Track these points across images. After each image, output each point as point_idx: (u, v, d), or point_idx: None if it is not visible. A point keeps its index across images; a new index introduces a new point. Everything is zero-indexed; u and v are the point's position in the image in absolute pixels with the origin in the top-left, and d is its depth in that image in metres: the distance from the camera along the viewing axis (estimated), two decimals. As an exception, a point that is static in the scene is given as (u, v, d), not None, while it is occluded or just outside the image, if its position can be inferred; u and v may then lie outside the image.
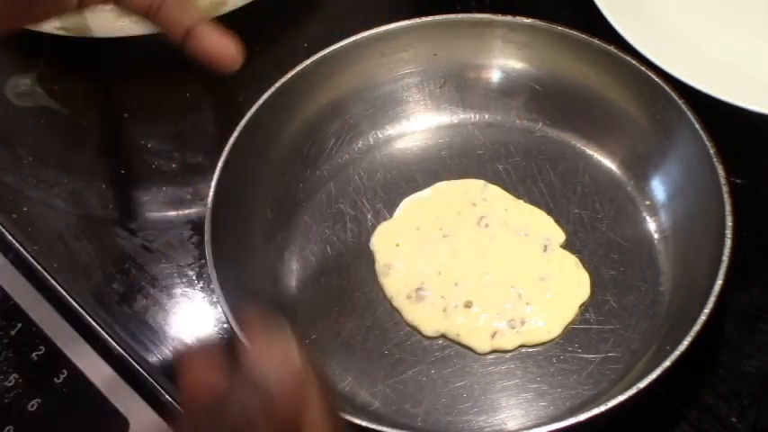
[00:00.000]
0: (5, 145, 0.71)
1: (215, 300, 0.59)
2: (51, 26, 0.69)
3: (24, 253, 0.64)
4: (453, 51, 0.67)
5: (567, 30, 0.64)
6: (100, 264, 0.65)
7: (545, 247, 0.61)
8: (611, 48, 0.63)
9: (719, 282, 0.53)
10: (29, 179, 0.69)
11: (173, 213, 0.67)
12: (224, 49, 0.51)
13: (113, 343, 0.60)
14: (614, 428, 0.54)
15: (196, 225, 0.65)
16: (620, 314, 0.59)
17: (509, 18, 0.65)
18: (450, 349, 0.58)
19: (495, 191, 0.64)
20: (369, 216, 0.64)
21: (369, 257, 0.62)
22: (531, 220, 0.62)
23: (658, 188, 0.62)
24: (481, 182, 0.64)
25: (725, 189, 0.57)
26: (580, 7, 0.68)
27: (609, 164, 0.65)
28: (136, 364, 0.59)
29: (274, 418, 0.38)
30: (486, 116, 0.67)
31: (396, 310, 0.60)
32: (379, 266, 0.61)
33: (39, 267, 0.63)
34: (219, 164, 0.59)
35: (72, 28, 0.69)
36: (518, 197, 0.64)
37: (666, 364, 0.51)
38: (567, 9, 0.71)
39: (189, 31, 0.52)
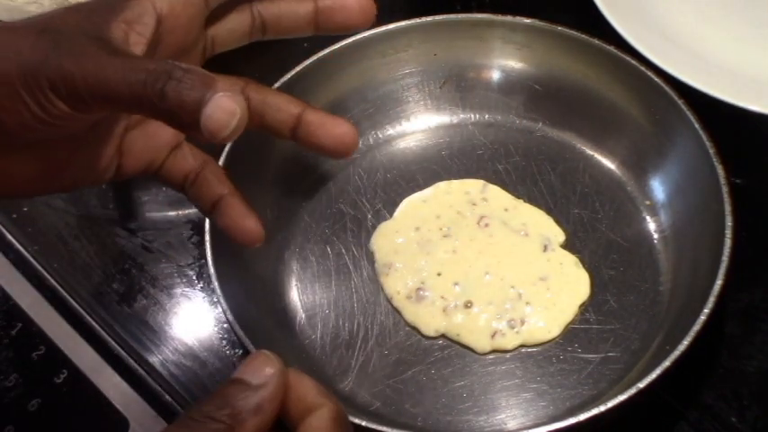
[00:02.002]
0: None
1: (215, 300, 0.60)
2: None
3: (24, 253, 0.64)
4: (453, 51, 0.67)
5: (567, 30, 0.64)
6: (100, 264, 0.65)
7: (545, 246, 0.61)
8: (611, 48, 0.63)
9: (719, 282, 0.53)
10: (29, 179, 0.69)
11: (173, 213, 0.67)
12: (246, 223, 0.52)
13: (113, 343, 0.60)
14: (614, 428, 0.54)
15: (196, 225, 0.65)
16: (620, 314, 0.59)
17: (509, 18, 0.65)
18: (450, 349, 0.58)
19: (495, 191, 0.64)
20: (369, 216, 0.64)
21: (369, 257, 0.62)
22: (531, 219, 0.62)
23: (658, 188, 0.63)
24: (481, 182, 0.64)
25: (725, 189, 0.57)
26: (580, 7, 0.68)
27: (609, 164, 0.65)
28: (136, 364, 0.59)
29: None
30: (486, 116, 0.67)
31: (396, 310, 0.60)
32: (379, 266, 0.61)
33: (39, 267, 0.63)
34: (219, 164, 0.59)
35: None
36: (518, 197, 0.64)
37: (666, 364, 0.51)
38: (567, 9, 0.71)
39: (216, 203, 0.52)
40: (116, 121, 0.50)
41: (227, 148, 0.60)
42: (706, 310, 0.53)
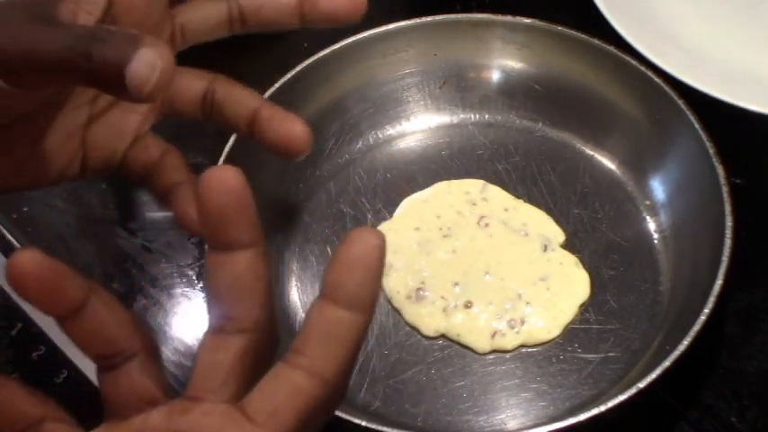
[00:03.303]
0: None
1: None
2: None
3: (24, 253, 0.64)
4: (453, 51, 0.67)
5: (567, 30, 0.64)
6: (100, 264, 0.65)
7: (545, 246, 0.61)
8: (611, 48, 0.63)
9: (719, 282, 0.53)
10: (29, 179, 0.69)
11: (173, 213, 0.67)
12: (192, 211, 0.51)
13: (113, 343, 0.60)
14: (614, 428, 0.54)
15: (196, 225, 0.65)
16: (620, 314, 0.59)
17: (509, 18, 0.65)
18: (450, 349, 0.58)
19: (495, 191, 0.64)
20: (369, 216, 0.64)
21: (369, 257, 0.62)
22: (531, 220, 0.62)
23: (658, 188, 0.62)
24: (481, 182, 0.64)
25: (725, 189, 0.57)
26: (580, 7, 0.68)
27: (609, 164, 0.65)
28: (136, 364, 0.59)
29: None
30: (486, 116, 0.67)
31: (396, 310, 0.60)
32: (379, 266, 0.61)
33: (39, 267, 0.63)
34: (219, 164, 0.59)
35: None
36: (518, 197, 0.64)
37: (666, 364, 0.51)
38: (567, 9, 0.71)
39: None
40: (77, 113, 0.49)
41: (226, 149, 0.60)
42: (706, 310, 0.53)
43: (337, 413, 0.51)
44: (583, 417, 0.50)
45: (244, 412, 0.33)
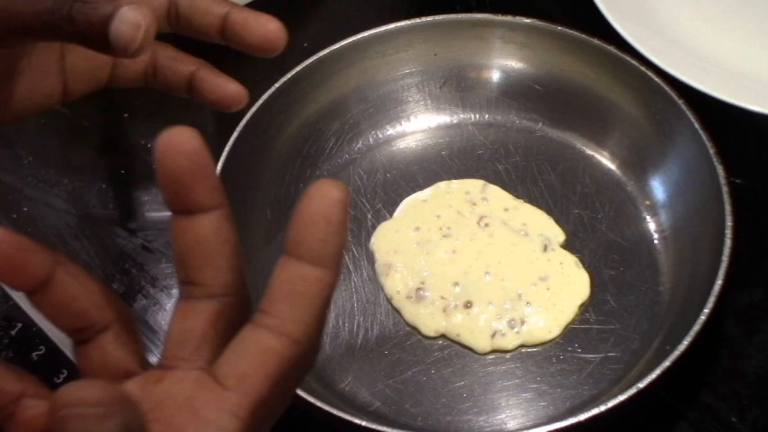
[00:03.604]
0: (5, 145, 0.71)
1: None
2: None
3: (24, 253, 0.64)
4: (453, 51, 0.67)
5: (567, 30, 0.64)
6: (100, 264, 0.65)
7: (545, 246, 0.61)
8: (611, 48, 0.63)
9: (719, 282, 0.53)
10: (29, 179, 0.69)
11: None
12: (229, 89, 0.51)
13: (113, 343, 0.60)
14: (614, 428, 0.54)
15: (196, 225, 0.65)
16: (620, 314, 0.59)
17: (509, 18, 0.65)
18: (450, 349, 0.58)
19: (495, 191, 0.64)
20: (369, 216, 0.64)
21: (369, 257, 0.62)
22: (531, 219, 0.62)
23: (658, 188, 0.62)
24: (481, 182, 0.64)
25: (725, 189, 0.57)
26: (580, 7, 0.68)
27: (609, 164, 0.65)
28: (136, 364, 0.59)
29: None
30: (486, 116, 0.67)
31: (396, 310, 0.60)
32: (379, 266, 0.61)
33: (39, 267, 0.63)
34: (219, 164, 0.59)
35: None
36: (518, 197, 0.64)
37: (666, 364, 0.51)
38: (566, 9, 0.71)
39: (190, 80, 0.51)
40: (50, 49, 0.49)
41: (226, 149, 0.60)
42: (706, 310, 0.53)
43: (337, 413, 0.51)
44: (583, 417, 0.50)
45: (215, 377, 0.33)
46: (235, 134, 0.61)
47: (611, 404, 0.50)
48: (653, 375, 0.51)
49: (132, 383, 0.34)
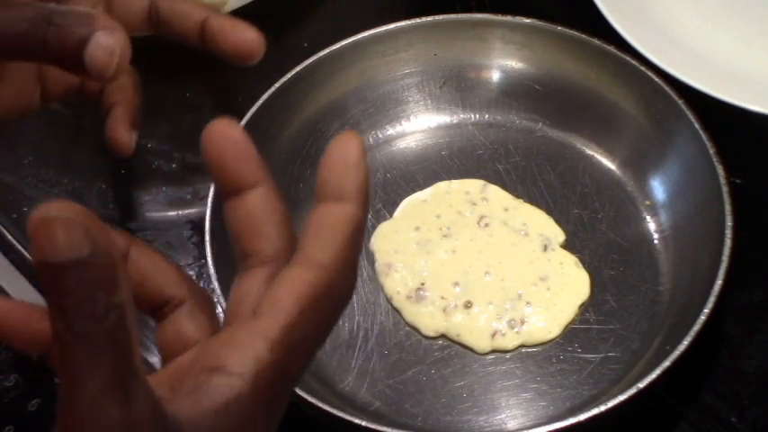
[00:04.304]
0: (5, 145, 0.71)
1: (215, 300, 0.59)
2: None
3: (24, 253, 0.64)
4: (453, 51, 0.67)
5: (567, 30, 0.64)
6: (100, 264, 0.64)
7: (545, 246, 0.61)
8: (611, 48, 0.63)
9: (719, 282, 0.54)
10: (29, 179, 0.69)
11: (173, 213, 0.67)
12: (246, 35, 0.50)
13: (113, 343, 0.60)
14: (614, 428, 0.54)
15: (196, 225, 0.65)
16: (620, 314, 0.59)
17: (509, 18, 0.65)
18: (450, 349, 0.58)
19: (495, 191, 0.64)
20: (369, 216, 0.64)
21: (369, 257, 0.62)
22: (531, 219, 0.62)
23: (658, 188, 0.63)
24: (481, 182, 0.64)
25: (725, 189, 0.57)
26: (580, 7, 0.68)
27: (609, 164, 0.65)
28: (136, 364, 0.59)
29: None
30: (486, 116, 0.67)
31: (396, 310, 0.60)
32: (379, 266, 0.61)
33: (39, 267, 0.63)
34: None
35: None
36: (518, 197, 0.64)
37: (666, 364, 0.51)
38: (566, 9, 0.71)
39: (202, 26, 0.51)
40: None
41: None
42: (706, 310, 0.53)
43: (337, 413, 0.51)
44: (583, 417, 0.50)
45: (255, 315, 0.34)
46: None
47: (611, 404, 0.50)
48: (653, 375, 0.51)
49: (193, 349, 0.35)
